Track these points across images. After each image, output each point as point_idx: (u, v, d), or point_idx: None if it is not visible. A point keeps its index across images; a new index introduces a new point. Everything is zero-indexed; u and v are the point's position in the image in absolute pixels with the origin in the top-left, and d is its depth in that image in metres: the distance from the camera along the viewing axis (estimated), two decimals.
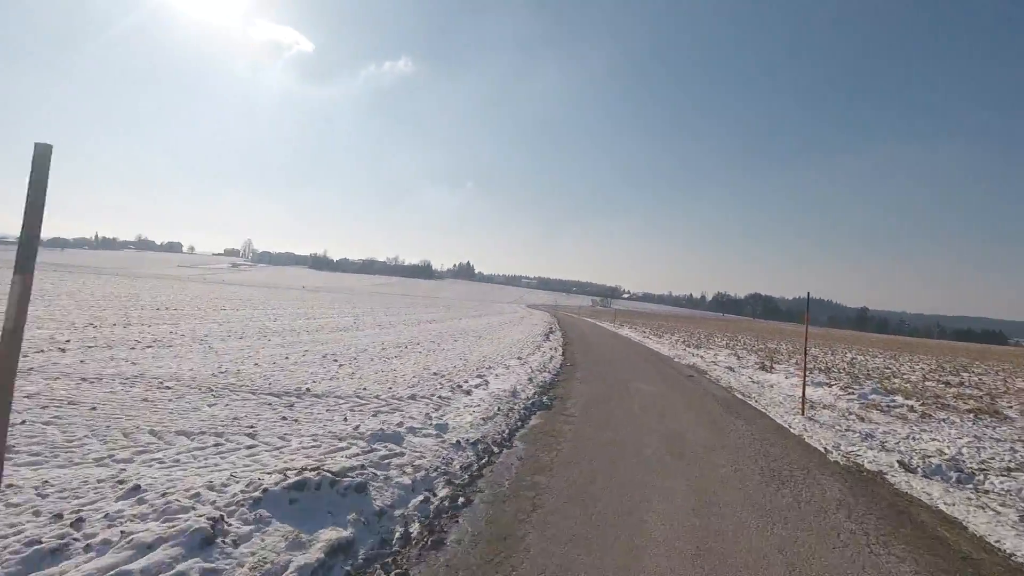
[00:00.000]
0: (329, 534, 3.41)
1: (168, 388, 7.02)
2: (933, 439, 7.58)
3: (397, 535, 3.69)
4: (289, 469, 4.11)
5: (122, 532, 3.06)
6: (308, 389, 7.63)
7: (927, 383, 15.67)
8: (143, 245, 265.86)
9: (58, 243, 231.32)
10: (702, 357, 19.05)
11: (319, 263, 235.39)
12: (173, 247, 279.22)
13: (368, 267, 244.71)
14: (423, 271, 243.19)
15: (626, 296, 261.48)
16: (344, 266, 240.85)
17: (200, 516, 3.23)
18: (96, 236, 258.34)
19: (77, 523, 3.16)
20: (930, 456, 6.62)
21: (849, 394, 11.37)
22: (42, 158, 2.62)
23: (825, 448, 6.85)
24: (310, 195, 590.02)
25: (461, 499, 4.33)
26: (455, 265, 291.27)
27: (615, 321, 54.52)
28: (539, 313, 68.74)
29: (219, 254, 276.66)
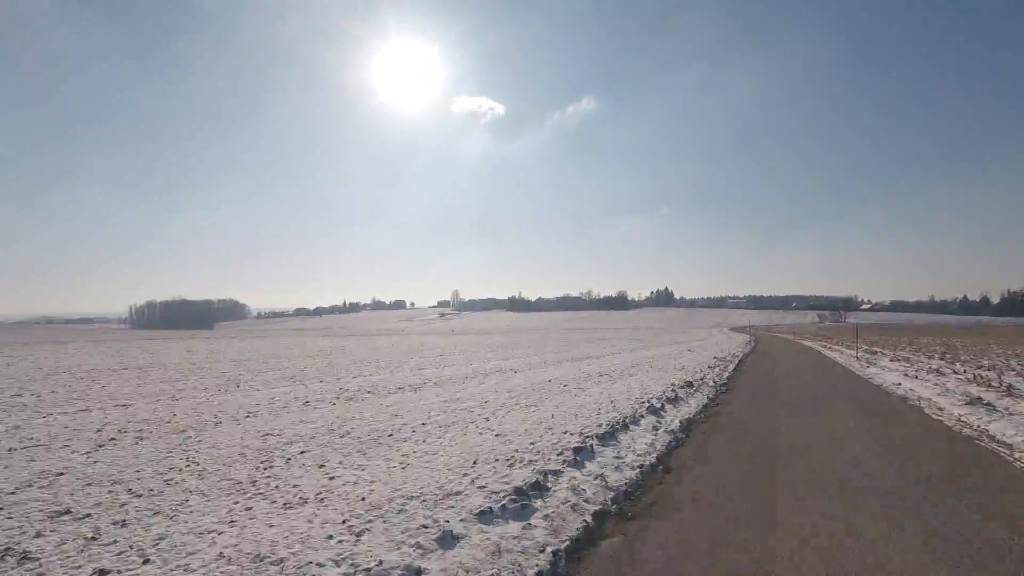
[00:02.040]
0: None
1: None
2: None
3: None
4: None
5: None
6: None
7: None
8: (376, 305, 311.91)
9: (320, 311, 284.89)
10: None
11: (516, 304, 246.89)
12: (399, 304, 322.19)
13: (562, 303, 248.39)
14: (617, 302, 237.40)
15: (866, 307, 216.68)
16: (540, 305, 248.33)
17: None
18: (344, 302, 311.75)
19: None
20: None
21: None
22: None
23: None
24: (507, 242, 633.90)
25: None
26: (652, 293, 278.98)
27: (853, 344, 32.57)
28: (738, 337, 58.37)
29: (433, 306, 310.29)
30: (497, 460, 6.17)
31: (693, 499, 5.23)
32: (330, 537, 4.01)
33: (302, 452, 6.70)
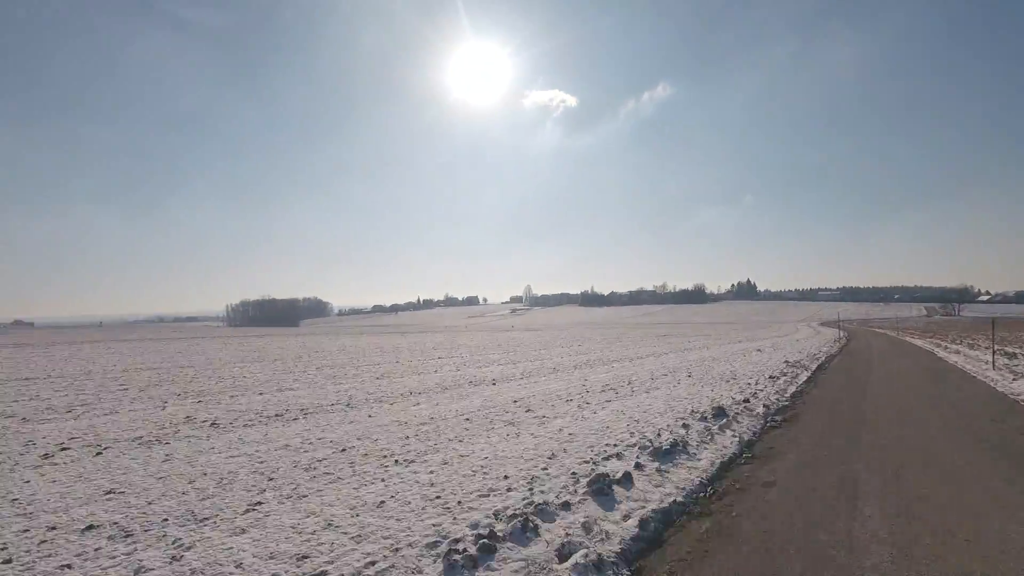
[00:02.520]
0: None
1: None
2: None
3: None
4: None
5: None
6: None
7: None
8: (449, 302, 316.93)
9: (395, 308, 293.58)
10: None
11: (587, 299, 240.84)
12: (471, 300, 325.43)
13: (635, 298, 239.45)
14: (694, 296, 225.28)
15: (984, 299, 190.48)
16: (612, 300, 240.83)
17: None
18: (418, 299, 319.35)
19: None
20: None
21: None
22: None
23: None
24: (580, 236, 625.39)
25: None
26: (733, 286, 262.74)
27: (977, 343, 26.18)
28: (826, 333, 51.24)
29: (506, 302, 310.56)
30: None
31: None
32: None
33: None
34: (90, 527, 4.27)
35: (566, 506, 4.54)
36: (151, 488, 5.34)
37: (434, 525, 4.18)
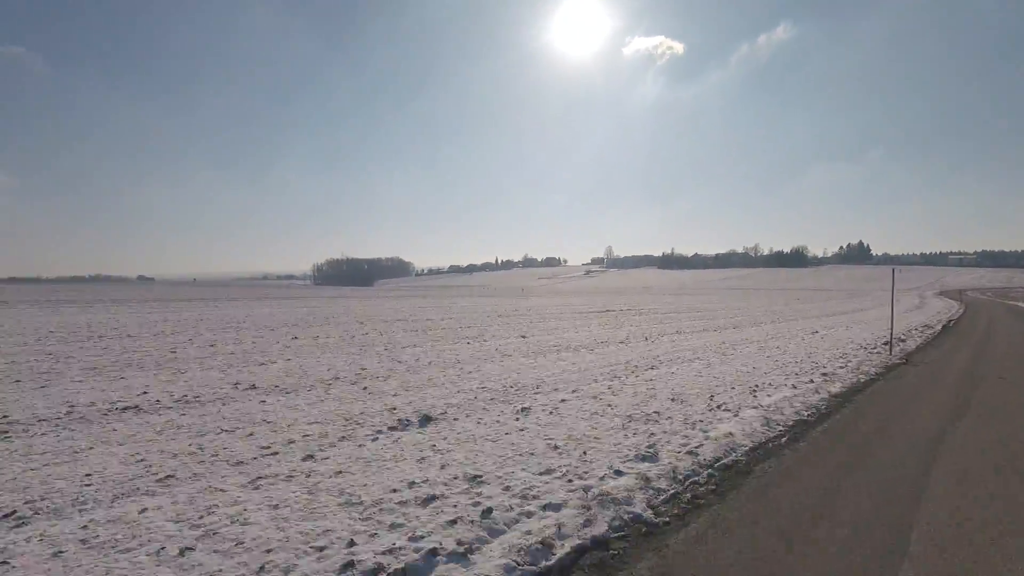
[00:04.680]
0: None
1: None
2: None
3: None
4: None
5: None
6: None
7: None
8: (528, 263, 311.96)
9: (471, 268, 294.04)
10: None
11: (668, 262, 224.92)
12: (551, 262, 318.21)
13: (723, 260, 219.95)
14: (792, 259, 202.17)
15: None
16: (695, 262, 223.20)
17: None
18: (496, 260, 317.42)
19: None
20: None
21: None
22: None
23: None
24: (671, 196, 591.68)
25: None
26: (841, 248, 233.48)
27: None
28: (936, 306, 39.39)
29: (587, 263, 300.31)
30: None
31: None
32: None
33: None
34: None
35: None
36: None
37: None
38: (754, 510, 3.91)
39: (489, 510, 3.59)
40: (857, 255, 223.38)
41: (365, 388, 7.79)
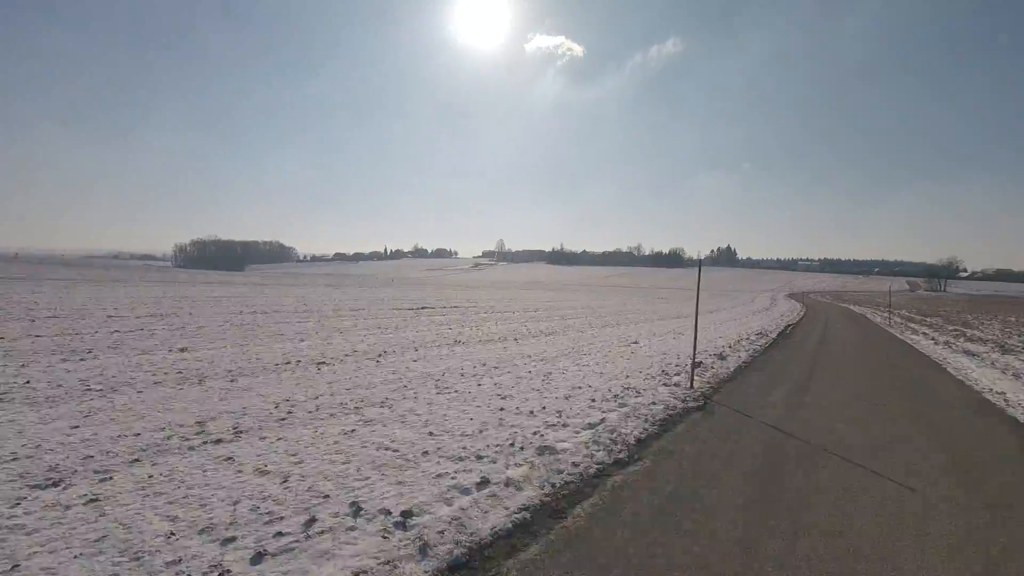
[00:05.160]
0: None
1: None
2: None
3: None
4: None
5: None
6: None
7: None
8: (418, 253, 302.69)
9: (357, 257, 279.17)
10: None
11: (557, 257, 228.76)
12: (441, 253, 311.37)
13: (608, 259, 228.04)
14: (669, 259, 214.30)
15: (964, 275, 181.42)
16: (583, 259, 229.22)
17: None
18: (386, 249, 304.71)
19: None
20: None
21: None
22: None
23: None
24: (564, 193, 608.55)
25: None
26: (713, 251, 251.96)
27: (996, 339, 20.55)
28: (783, 305, 40.03)
29: (478, 256, 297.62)
30: None
31: None
32: None
33: None
34: None
35: None
36: None
37: None
38: None
39: None
40: (726, 259, 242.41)
41: None
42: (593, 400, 6.80)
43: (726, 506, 3.92)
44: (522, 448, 4.80)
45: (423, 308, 22.99)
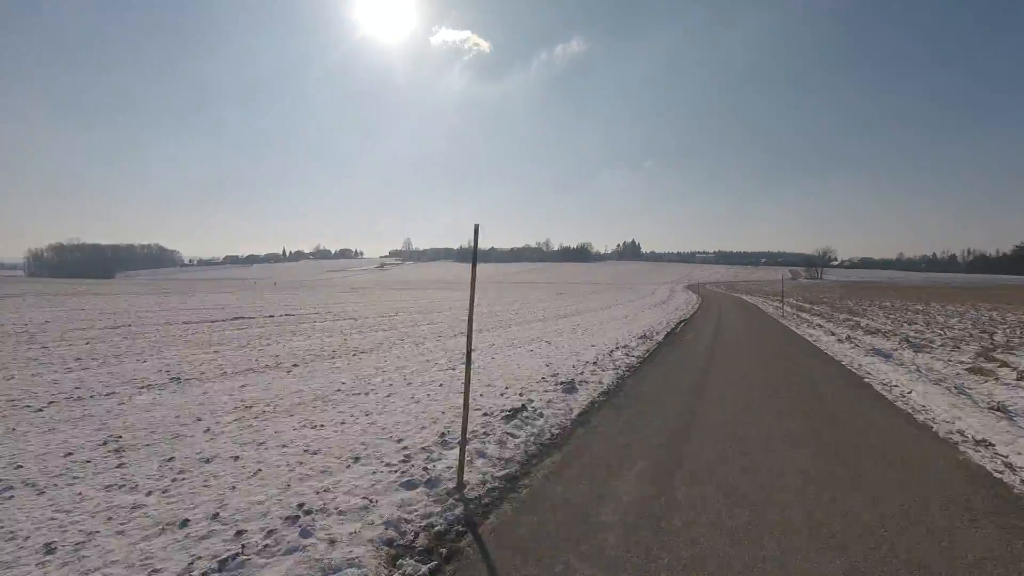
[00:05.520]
0: None
1: None
2: None
3: None
4: None
5: None
6: None
7: None
8: (320, 254, 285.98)
9: (251, 260, 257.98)
10: None
11: (465, 255, 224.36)
12: (346, 254, 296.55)
13: (517, 255, 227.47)
14: (578, 254, 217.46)
15: (835, 263, 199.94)
16: (491, 256, 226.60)
17: None
18: (284, 251, 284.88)
19: None
20: None
21: None
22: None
23: None
24: (471, 190, 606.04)
25: None
26: (619, 245, 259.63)
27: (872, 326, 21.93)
28: (680, 297, 38.54)
29: (385, 256, 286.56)
30: None
31: None
32: None
33: None
34: None
35: None
36: None
37: None
38: None
39: None
40: (631, 252, 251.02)
41: None
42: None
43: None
44: None
45: (236, 319, 17.80)
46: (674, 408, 6.78)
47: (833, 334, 15.01)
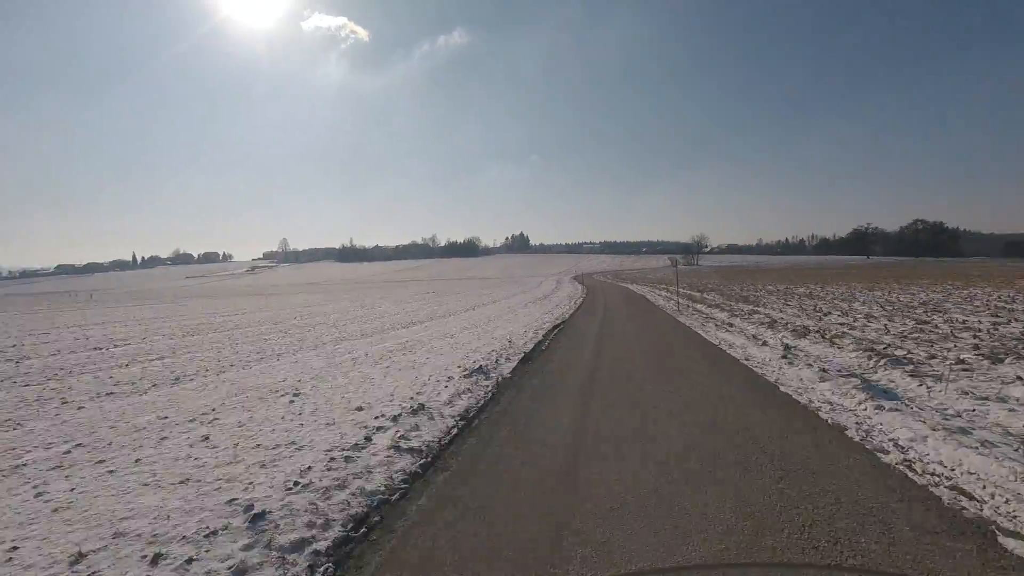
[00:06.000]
0: None
1: None
2: None
3: None
4: None
5: None
6: None
7: None
8: (181, 259, 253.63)
9: (93, 268, 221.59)
10: None
11: (347, 255, 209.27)
12: (210, 257, 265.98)
13: (403, 252, 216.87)
14: (465, 249, 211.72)
15: (707, 250, 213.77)
16: (374, 254, 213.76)
17: None
18: (134, 257, 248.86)
19: None
20: None
21: None
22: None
23: None
24: (353, 187, 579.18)
25: None
26: (508, 238, 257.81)
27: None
28: (566, 289, 34.23)
29: (258, 258, 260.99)
30: None
31: None
32: None
33: None
34: None
35: None
36: None
37: None
38: None
39: None
40: (520, 245, 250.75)
41: None
42: None
43: None
44: None
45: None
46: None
47: (758, 338, 10.44)
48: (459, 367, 8.37)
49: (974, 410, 5.24)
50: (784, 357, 8.21)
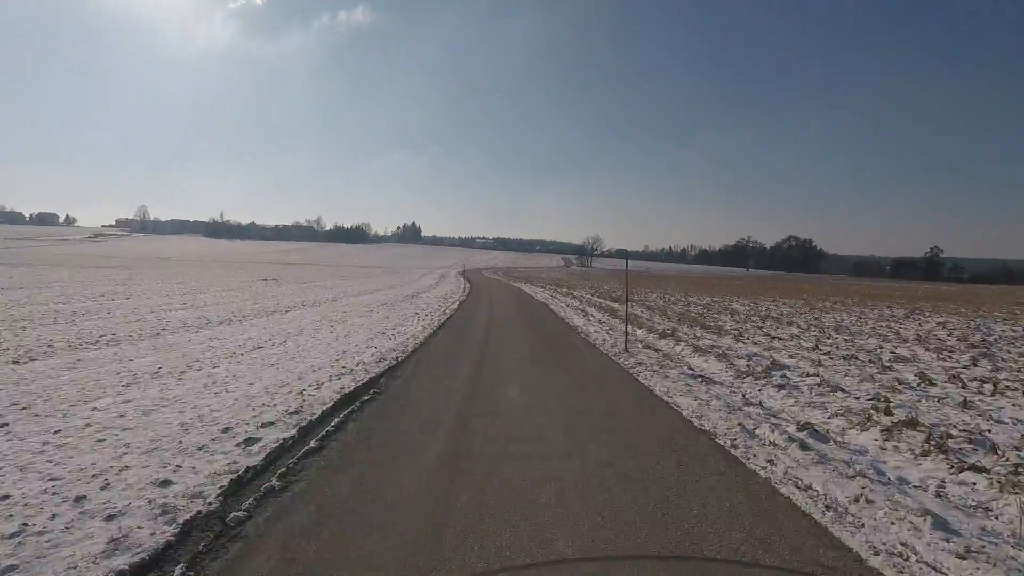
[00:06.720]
0: None
1: None
2: None
3: None
4: None
5: None
6: None
7: None
8: (9, 218, 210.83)
9: None
10: None
11: (217, 230, 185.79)
12: (46, 219, 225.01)
13: (284, 232, 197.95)
14: (353, 235, 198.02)
15: (598, 253, 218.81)
16: (250, 232, 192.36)
17: None
18: None
19: None
20: None
21: None
22: None
23: None
24: (238, 159, 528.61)
25: None
26: (400, 227, 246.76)
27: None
28: (445, 287, 28.81)
29: (109, 225, 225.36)
30: None
31: None
32: None
33: None
34: None
35: None
36: None
37: None
38: None
39: None
40: (411, 235, 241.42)
41: None
42: None
43: None
44: None
45: None
46: None
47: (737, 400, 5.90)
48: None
49: None
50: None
